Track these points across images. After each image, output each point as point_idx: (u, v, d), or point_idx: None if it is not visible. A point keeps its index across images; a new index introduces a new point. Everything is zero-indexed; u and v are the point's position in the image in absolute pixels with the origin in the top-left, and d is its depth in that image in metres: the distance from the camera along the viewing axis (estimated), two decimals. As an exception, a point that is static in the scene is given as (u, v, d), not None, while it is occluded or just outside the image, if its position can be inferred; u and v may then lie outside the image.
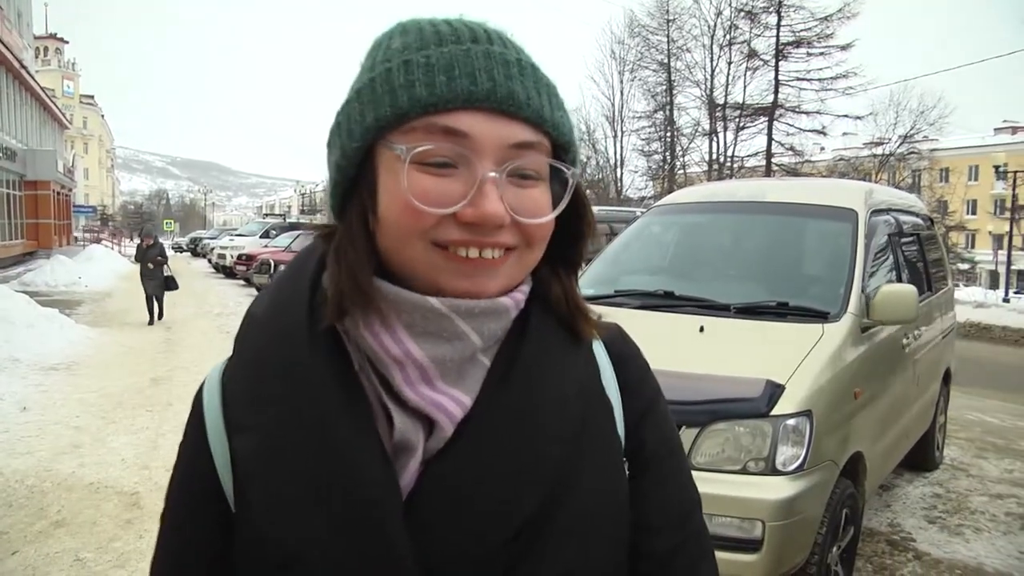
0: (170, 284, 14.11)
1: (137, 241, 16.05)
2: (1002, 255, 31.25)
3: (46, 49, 76.09)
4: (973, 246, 51.66)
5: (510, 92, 0.71)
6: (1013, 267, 27.37)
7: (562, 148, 0.77)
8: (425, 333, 0.72)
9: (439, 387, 0.73)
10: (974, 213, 54.24)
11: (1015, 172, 26.67)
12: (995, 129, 60.97)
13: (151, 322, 13.80)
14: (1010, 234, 26.34)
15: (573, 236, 0.82)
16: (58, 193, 36.64)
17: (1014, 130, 56.11)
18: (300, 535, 0.71)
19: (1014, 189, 26.94)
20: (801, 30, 30.22)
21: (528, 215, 0.73)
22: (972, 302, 18.25)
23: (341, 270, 0.73)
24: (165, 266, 14.06)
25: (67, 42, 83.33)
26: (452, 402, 0.73)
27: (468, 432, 0.73)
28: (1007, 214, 29.40)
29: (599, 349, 0.87)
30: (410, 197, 0.69)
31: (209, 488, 0.79)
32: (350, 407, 0.72)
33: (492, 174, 0.70)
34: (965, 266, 39.71)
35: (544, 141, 0.74)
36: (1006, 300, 19.95)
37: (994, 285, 34.14)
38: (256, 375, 0.76)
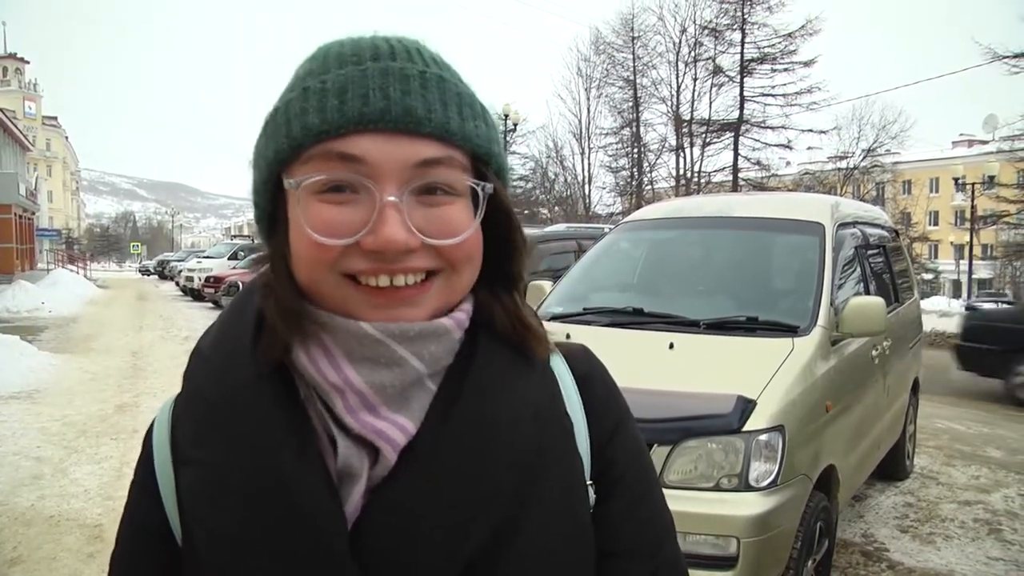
0: None
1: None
2: (964, 264, 31.84)
3: (5, 69, 75.12)
4: (936, 256, 52.59)
5: (407, 109, 0.68)
6: (974, 276, 27.85)
7: (481, 160, 0.74)
8: (363, 359, 0.70)
9: (382, 414, 0.71)
10: (936, 224, 55.30)
11: (973, 184, 27.17)
12: (953, 142, 62.41)
13: None
14: (970, 244, 26.81)
15: (503, 252, 0.78)
16: (20, 217, 35.96)
17: (970, 143, 57.37)
18: (245, 568, 0.68)
19: (973, 200, 27.46)
20: (765, 47, 30.83)
21: (440, 236, 0.70)
22: (937, 311, 18.51)
23: (271, 303, 0.72)
24: None
25: (28, 62, 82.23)
26: (394, 428, 0.70)
27: (411, 459, 0.70)
28: (967, 224, 29.95)
29: (563, 370, 0.83)
30: (307, 230, 0.68)
31: (157, 528, 0.77)
32: (293, 436, 0.70)
33: (391, 198, 0.67)
34: (929, 276, 40.37)
35: (455, 155, 0.71)
36: (968, 309, 20.25)
37: (957, 294, 34.73)
38: (201, 409, 0.74)
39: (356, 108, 0.67)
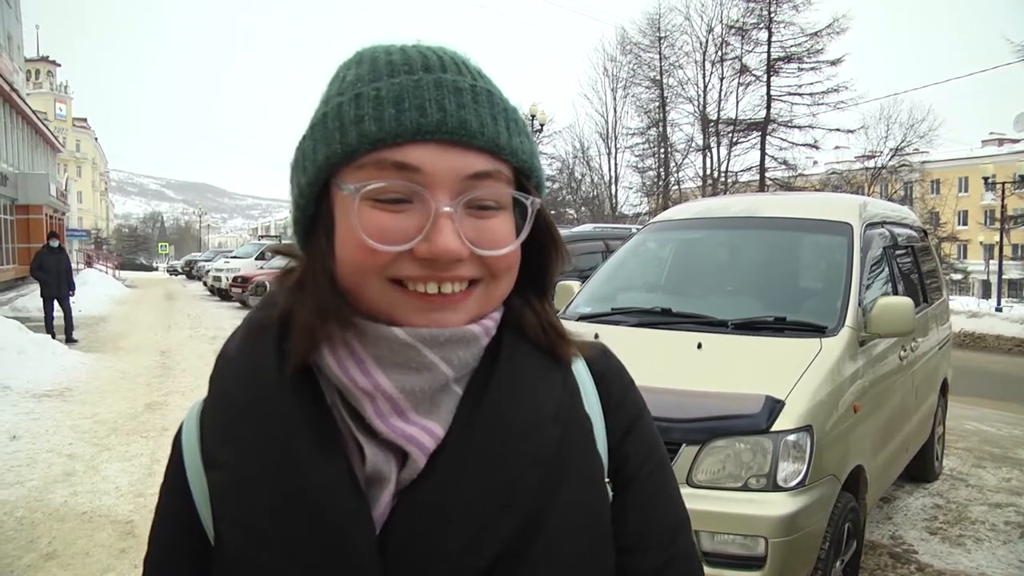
0: None
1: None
2: (993, 264, 31.38)
3: (37, 72, 76.12)
4: (965, 256, 51.88)
5: (462, 122, 0.69)
6: (1004, 276, 27.42)
7: (524, 174, 0.76)
8: (394, 364, 0.71)
9: (411, 418, 0.72)
10: (965, 224, 54.51)
11: (1003, 183, 26.71)
12: (983, 141, 61.49)
13: None
14: (1000, 244, 26.37)
15: (541, 263, 0.81)
16: (51, 217, 36.55)
17: (1001, 142, 56.47)
18: (273, 569, 0.70)
19: (1003, 200, 27.02)
20: (791, 46, 30.64)
21: (488, 247, 0.71)
22: (966, 312, 18.30)
23: (305, 305, 0.72)
24: None
25: (59, 65, 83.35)
26: (424, 433, 0.72)
27: (440, 462, 0.72)
28: (997, 224, 29.49)
29: (581, 368, 0.85)
30: (362, 235, 0.68)
31: (190, 527, 0.78)
32: (318, 440, 0.71)
33: (447, 208, 0.68)
34: (958, 276, 39.81)
35: (503, 169, 0.73)
36: (998, 309, 19.98)
37: (986, 295, 34.22)
38: (227, 411, 0.75)
39: (413, 119, 0.68)
